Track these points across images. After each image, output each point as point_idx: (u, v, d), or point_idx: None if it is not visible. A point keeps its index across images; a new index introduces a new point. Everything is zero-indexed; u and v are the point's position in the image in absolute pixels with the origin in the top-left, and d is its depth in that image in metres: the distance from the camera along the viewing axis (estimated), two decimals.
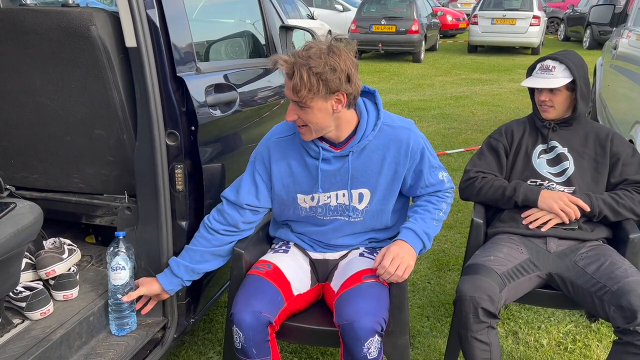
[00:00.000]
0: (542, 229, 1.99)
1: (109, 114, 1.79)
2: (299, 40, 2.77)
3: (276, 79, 2.54)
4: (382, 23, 11.98)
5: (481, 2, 13.73)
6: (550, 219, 1.98)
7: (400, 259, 1.67)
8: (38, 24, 1.70)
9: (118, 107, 1.78)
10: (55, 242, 1.89)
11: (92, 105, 1.80)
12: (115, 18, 1.70)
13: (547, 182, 2.06)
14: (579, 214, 1.95)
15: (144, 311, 1.85)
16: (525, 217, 2.02)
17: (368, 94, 1.79)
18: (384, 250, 1.72)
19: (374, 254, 1.84)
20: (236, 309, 1.63)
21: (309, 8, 13.40)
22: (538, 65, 2.10)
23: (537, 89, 2.09)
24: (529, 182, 2.08)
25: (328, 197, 1.77)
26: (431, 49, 13.73)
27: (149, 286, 1.81)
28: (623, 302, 1.68)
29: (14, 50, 1.77)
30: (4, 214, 1.41)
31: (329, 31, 13.27)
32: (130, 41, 1.66)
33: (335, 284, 1.79)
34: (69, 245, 1.92)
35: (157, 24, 1.68)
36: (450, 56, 13.19)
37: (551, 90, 2.04)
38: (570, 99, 2.06)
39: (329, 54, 1.54)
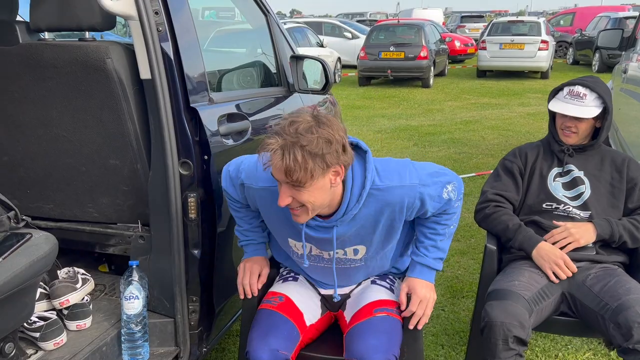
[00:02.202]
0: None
1: (123, 145, 1.82)
2: (309, 69, 2.80)
3: (287, 107, 2.57)
4: (391, 50, 12.11)
5: (489, 28, 13.86)
6: (569, 243, 1.96)
7: (426, 301, 1.67)
8: (56, 58, 1.74)
9: (132, 137, 1.81)
10: (69, 271, 1.90)
11: (107, 136, 1.83)
12: (130, 51, 1.74)
13: (562, 205, 2.05)
14: (570, 275, 1.92)
15: (255, 291, 1.80)
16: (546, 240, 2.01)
17: (359, 150, 1.57)
18: (404, 288, 1.69)
19: (387, 280, 1.81)
20: (252, 347, 1.59)
21: (319, 36, 13.60)
22: (566, 90, 2.06)
23: (563, 114, 2.05)
24: (544, 205, 2.07)
25: (320, 251, 1.69)
26: (440, 74, 13.82)
27: (261, 265, 1.82)
28: (620, 319, 1.65)
29: (33, 83, 1.81)
30: (20, 244, 1.43)
31: (338, 59, 13.44)
32: (145, 73, 1.70)
33: (348, 313, 1.76)
34: (83, 274, 1.93)
35: (171, 56, 1.71)
36: (459, 81, 13.25)
37: (578, 117, 2.02)
38: (593, 126, 2.05)
39: (320, 126, 1.37)
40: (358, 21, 22.28)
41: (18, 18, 1.95)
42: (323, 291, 1.84)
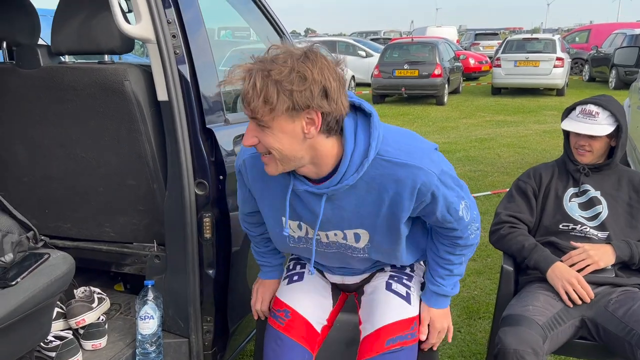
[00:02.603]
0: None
1: (140, 165, 1.84)
2: None
3: None
4: (405, 68, 12.15)
5: (504, 45, 13.85)
6: (588, 265, 1.93)
7: (444, 331, 1.65)
8: (76, 81, 1.78)
9: (149, 157, 1.83)
10: (85, 290, 1.92)
11: (124, 156, 1.85)
12: (147, 73, 1.78)
13: (579, 226, 2.02)
14: (586, 299, 1.88)
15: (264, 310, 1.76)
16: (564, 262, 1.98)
17: (364, 116, 1.34)
18: (425, 318, 1.63)
19: (403, 281, 1.63)
20: None
21: (333, 55, 13.67)
22: (579, 109, 2.05)
23: (575, 132, 2.05)
24: (561, 225, 2.04)
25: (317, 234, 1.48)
26: (454, 91, 13.82)
27: (274, 290, 1.76)
28: None
29: (53, 105, 1.85)
30: (38, 264, 1.45)
31: (352, 77, 13.52)
32: (162, 95, 1.72)
33: (363, 310, 1.65)
34: (99, 294, 1.95)
35: (188, 78, 1.74)
36: (473, 98, 13.23)
37: (591, 136, 2.02)
38: (608, 145, 2.04)
39: (303, 60, 1.17)
40: (372, 39, 22.43)
41: (40, 41, 2.00)
42: (332, 278, 1.71)
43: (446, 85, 12.25)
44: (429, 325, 1.64)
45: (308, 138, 1.24)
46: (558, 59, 12.50)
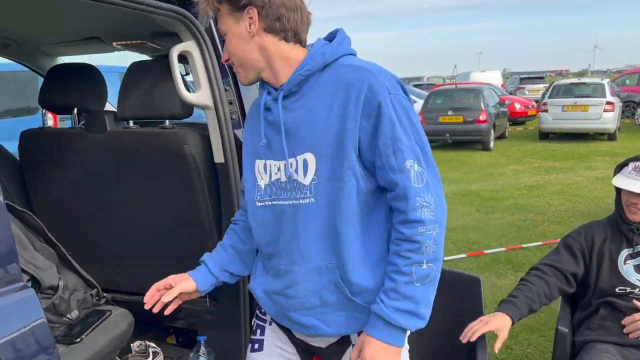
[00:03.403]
0: None
1: (197, 223, 1.93)
2: None
3: None
4: (449, 114, 12.16)
5: (550, 90, 13.69)
6: None
7: None
8: (139, 144, 1.91)
9: (205, 216, 1.91)
10: (140, 344, 1.98)
11: (182, 214, 1.94)
12: (205, 137, 1.88)
13: (638, 289, 1.95)
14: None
15: (168, 311, 1.56)
16: (627, 325, 1.90)
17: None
18: (356, 346, 1.33)
19: None
20: None
21: None
22: (631, 165, 2.01)
23: (627, 190, 1.99)
24: (617, 289, 1.98)
25: (278, 169, 1.37)
26: (500, 136, 13.66)
27: (185, 284, 1.53)
28: None
29: (117, 166, 1.98)
30: (100, 321, 1.52)
31: None
32: (218, 157, 1.82)
33: None
34: (153, 347, 2.00)
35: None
36: (520, 144, 13.03)
37: None
38: None
39: None
40: (415, 85, 22.62)
41: (107, 107, 2.16)
42: (298, 335, 1.48)
43: (492, 131, 12.15)
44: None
45: (252, 36, 1.31)
46: (608, 103, 12.22)
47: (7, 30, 2.18)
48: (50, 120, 5.32)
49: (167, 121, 1.94)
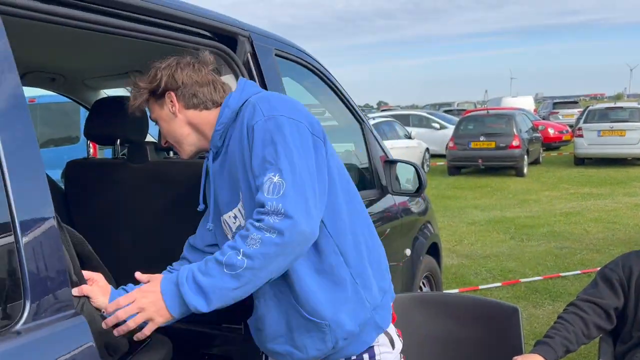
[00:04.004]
0: None
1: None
2: (402, 170, 2.89)
3: (381, 208, 2.65)
4: (481, 139, 12.06)
5: (585, 114, 13.47)
6: None
7: (136, 308, 1.25)
8: (178, 173, 1.97)
9: None
10: None
11: None
12: None
13: None
14: None
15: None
16: None
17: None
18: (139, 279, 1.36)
19: None
20: None
21: (406, 128, 13.90)
22: None
23: None
24: None
25: (235, 217, 1.42)
26: (534, 162, 13.45)
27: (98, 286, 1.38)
28: None
29: (157, 195, 2.03)
30: (141, 348, 1.55)
31: (427, 149, 13.55)
32: None
33: None
34: None
35: None
36: (555, 169, 12.79)
37: None
38: None
39: (161, 65, 1.42)
40: (445, 111, 22.56)
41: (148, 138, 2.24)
42: None
43: (525, 156, 11.98)
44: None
45: (175, 115, 1.43)
46: None
47: (54, 65, 2.30)
48: (90, 148, 5.52)
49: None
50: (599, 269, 2.14)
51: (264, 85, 1.88)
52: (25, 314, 0.94)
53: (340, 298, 1.36)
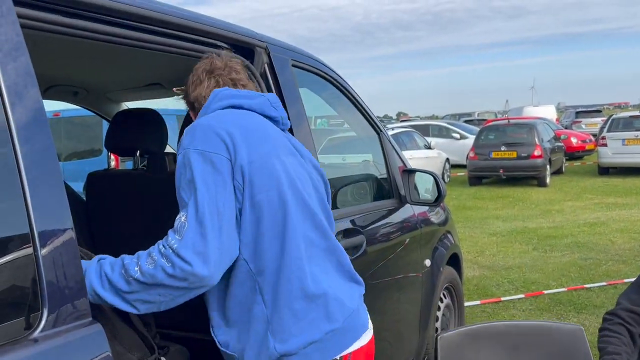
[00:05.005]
0: None
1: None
2: (421, 179, 2.87)
3: (399, 218, 2.63)
4: (502, 149, 11.93)
5: (609, 123, 13.24)
6: None
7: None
8: None
9: None
10: None
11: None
12: None
13: None
14: None
15: None
16: None
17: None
18: None
19: None
20: None
21: (426, 138, 13.83)
22: None
23: None
24: None
25: None
26: (557, 172, 13.24)
27: None
28: None
29: (176, 205, 2.05)
30: (159, 358, 1.56)
31: (447, 159, 13.46)
32: None
33: None
34: None
35: None
36: (578, 179, 12.57)
37: None
38: None
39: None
40: (465, 121, 22.41)
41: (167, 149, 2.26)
42: None
43: (548, 166, 11.81)
44: None
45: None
46: None
47: (77, 79, 2.35)
48: (112, 161, 5.62)
49: None
50: (624, 281, 2.07)
51: (281, 96, 1.89)
52: (43, 322, 0.95)
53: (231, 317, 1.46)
